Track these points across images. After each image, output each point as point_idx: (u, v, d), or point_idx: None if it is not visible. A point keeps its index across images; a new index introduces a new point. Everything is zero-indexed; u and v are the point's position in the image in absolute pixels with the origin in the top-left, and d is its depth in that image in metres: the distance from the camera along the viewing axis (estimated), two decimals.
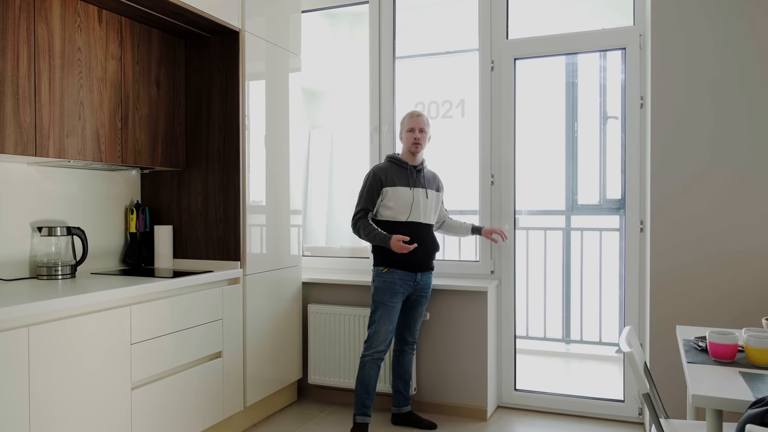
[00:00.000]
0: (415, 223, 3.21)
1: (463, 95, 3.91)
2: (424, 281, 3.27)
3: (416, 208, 3.22)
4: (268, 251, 3.47)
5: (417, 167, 3.28)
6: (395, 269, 3.19)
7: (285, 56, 3.62)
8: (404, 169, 3.26)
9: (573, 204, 5.13)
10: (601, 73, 4.70)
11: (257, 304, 3.34)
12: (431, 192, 3.31)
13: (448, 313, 3.54)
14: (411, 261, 3.18)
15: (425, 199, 3.25)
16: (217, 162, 3.27)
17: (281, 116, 3.61)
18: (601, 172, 4.86)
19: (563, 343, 5.13)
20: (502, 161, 3.63)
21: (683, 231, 3.09)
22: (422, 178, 3.29)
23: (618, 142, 4.83)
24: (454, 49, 4.23)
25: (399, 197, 3.19)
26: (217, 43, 3.27)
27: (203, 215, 3.30)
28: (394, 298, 3.18)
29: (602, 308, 4.95)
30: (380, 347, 3.16)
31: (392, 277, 3.18)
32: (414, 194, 3.21)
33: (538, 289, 5.14)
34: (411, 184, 3.23)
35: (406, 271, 3.20)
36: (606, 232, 4.98)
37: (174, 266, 3.33)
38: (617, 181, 4.89)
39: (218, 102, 3.26)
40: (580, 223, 5.13)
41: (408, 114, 3.34)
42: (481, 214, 3.69)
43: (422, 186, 3.26)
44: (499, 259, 3.66)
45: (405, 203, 3.19)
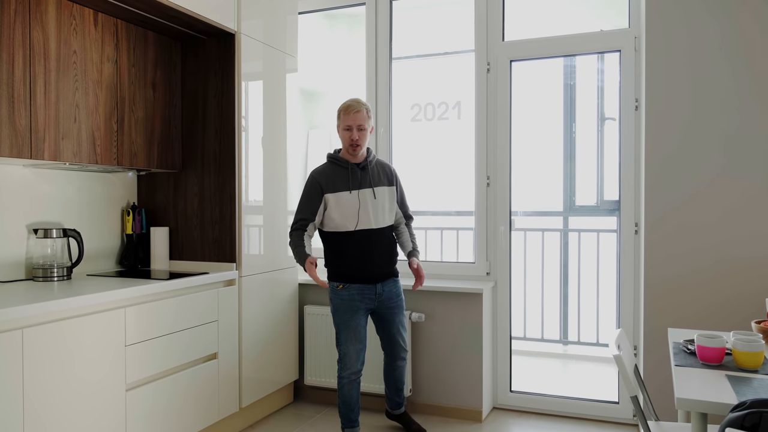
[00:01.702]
0: (365, 231, 2.94)
1: (460, 97, 3.92)
2: (387, 291, 3.03)
3: (364, 214, 2.94)
4: (265, 253, 3.48)
5: (360, 164, 3.02)
6: (351, 284, 2.96)
7: (281, 58, 3.63)
8: (345, 169, 2.97)
9: (571, 205, 5.14)
10: (598, 75, 4.69)
11: (253, 305, 3.36)
12: (380, 189, 3.01)
13: (444, 315, 3.55)
14: (367, 272, 2.96)
15: (373, 200, 2.96)
16: (212, 164, 3.28)
17: (278, 117, 3.62)
18: (599, 173, 4.86)
19: (561, 344, 5.13)
20: (498, 163, 3.64)
21: (677, 233, 3.10)
22: (368, 176, 2.99)
23: (616, 143, 4.85)
24: (450, 50, 4.24)
25: (342, 205, 2.91)
26: (213, 45, 3.29)
27: (199, 217, 3.32)
28: (355, 315, 2.96)
29: (600, 309, 4.96)
30: (353, 368, 2.98)
31: (350, 294, 2.96)
32: (360, 198, 2.95)
33: (535, 290, 5.15)
34: (353, 186, 2.95)
35: (364, 284, 2.96)
36: (603, 233, 4.98)
37: (170, 268, 3.34)
38: (615, 182, 4.91)
39: (214, 104, 3.28)
40: (578, 224, 5.13)
41: (343, 107, 2.98)
42: (477, 215, 3.70)
43: (368, 185, 2.99)
44: (494, 260, 3.67)
45: (350, 211, 2.92)
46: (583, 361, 4.90)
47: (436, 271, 3.78)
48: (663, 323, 3.11)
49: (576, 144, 5.04)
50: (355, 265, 2.96)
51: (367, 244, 2.97)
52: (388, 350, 3.17)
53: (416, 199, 4.71)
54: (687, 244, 3.08)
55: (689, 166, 3.08)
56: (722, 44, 3.01)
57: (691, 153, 3.07)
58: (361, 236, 2.95)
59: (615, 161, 4.41)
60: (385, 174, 3.12)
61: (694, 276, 3.06)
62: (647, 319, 3.16)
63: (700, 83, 3.06)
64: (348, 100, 3.01)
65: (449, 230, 5.06)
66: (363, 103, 3.00)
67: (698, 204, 3.06)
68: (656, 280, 3.13)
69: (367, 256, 2.98)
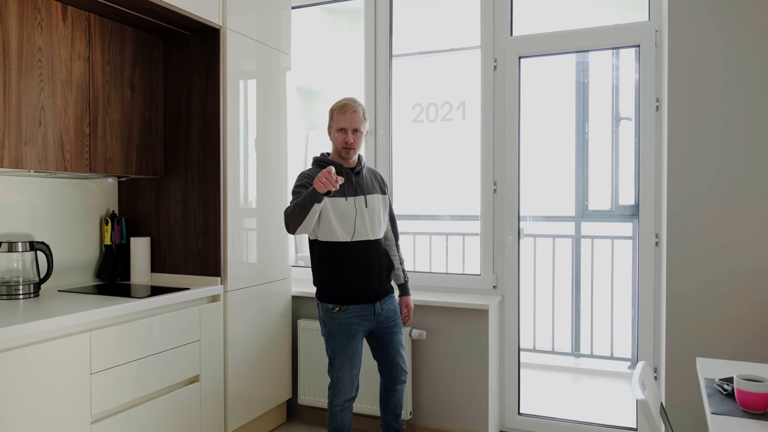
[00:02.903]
0: (362, 243, 2.68)
1: (464, 96, 3.65)
2: (386, 310, 2.77)
3: (361, 223, 2.68)
4: (255, 264, 3.23)
5: (354, 169, 2.76)
6: (349, 305, 2.68)
7: (273, 55, 3.38)
8: (338, 174, 2.68)
9: (583, 210, 4.87)
10: (613, 72, 4.42)
11: (240, 321, 3.11)
12: (373, 198, 2.75)
13: (447, 332, 3.29)
14: (366, 291, 2.70)
15: (367, 209, 2.72)
16: (196, 169, 3.04)
17: (272, 117, 3.37)
18: (614, 176, 4.59)
19: (572, 357, 4.86)
20: (506, 168, 3.37)
21: (703, 246, 2.82)
22: (361, 183, 2.75)
23: (631, 144, 4.58)
24: (454, 47, 3.97)
25: (340, 211, 2.64)
26: (197, 42, 3.04)
27: (182, 227, 3.08)
28: (353, 340, 2.69)
29: (614, 321, 4.68)
30: (348, 395, 2.73)
31: (347, 317, 2.67)
32: (356, 205, 2.69)
33: (545, 299, 4.88)
34: (349, 192, 2.68)
35: (362, 304, 2.69)
36: (618, 240, 4.70)
37: (151, 281, 3.10)
38: (630, 186, 4.64)
39: (197, 105, 3.03)
40: (591, 230, 4.86)
41: (338, 106, 2.71)
42: (483, 224, 3.44)
43: (362, 192, 2.73)
44: (502, 273, 3.40)
45: (347, 219, 2.65)
46: (597, 377, 4.62)
47: (438, 283, 3.53)
48: (687, 344, 2.84)
49: (589, 145, 4.78)
50: (354, 283, 2.69)
51: (366, 258, 2.71)
52: (387, 374, 2.90)
53: (419, 204, 4.48)
54: (715, 259, 2.80)
55: (717, 172, 2.80)
56: (755, 38, 2.73)
57: (718, 158, 2.80)
58: (359, 248, 2.68)
59: (631, 164, 4.14)
60: (377, 181, 2.87)
61: (723, 295, 2.79)
62: (669, 339, 2.89)
63: (729, 82, 2.78)
64: (343, 99, 2.74)
65: (454, 235, 4.82)
66: (359, 103, 2.74)
67: (727, 214, 2.78)
68: (679, 298, 2.86)
69: (365, 271, 2.71)
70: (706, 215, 2.81)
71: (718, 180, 2.80)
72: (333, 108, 2.74)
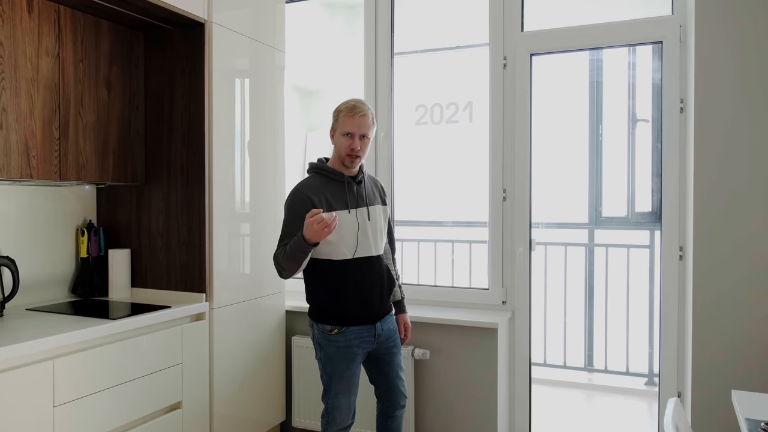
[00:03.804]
0: (364, 260, 2.42)
1: (471, 97, 3.40)
2: (386, 330, 2.52)
3: (363, 238, 2.42)
4: (245, 277, 2.99)
5: (357, 178, 2.50)
6: (349, 326, 2.42)
7: (266, 52, 3.14)
8: (339, 183, 2.45)
9: (597, 217, 4.61)
10: (629, 70, 4.16)
11: (228, 340, 2.87)
12: (375, 209, 2.50)
13: (452, 352, 3.04)
14: (368, 311, 2.45)
15: (369, 222, 2.47)
16: (180, 175, 2.80)
17: (265, 118, 3.14)
18: (630, 181, 4.33)
19: (585, 372, 4.60)
20: (516, 174, 3.11)
21: (734, 261, 2.56)
22: (363, 192, 2.50)
23: (648, 147, 4.33)
24: (461, 44, 3.72)
25: (341, 225, 2.35)
26: (180, 38, 2.80)
27: (165, 238, 2.83)
28: (352, 364, 2.44)
29: (629, 335, 4.42)
30: (344, 423, 2.48)
31: (347, 339, 2.41)
32: (359, 218, 2.43)
33: (557, 310, 4.62)
34: (351, 204, 2.44)
35: (363, 325, 2.44)
36: (634, 248, 4.43)
37: (132, 297, 2.86)
38: (648, 192, 4.38)
39: (181, 105, 2.79)
40: (605, 238, 4.59)
41: (346, 108, 2.42)
42: (491, 234, 3.18)
43: (364, 203, 2.48)
44: (512, 287, 3.14)
45: (350, 234, 2.39)
46: (611, 394, 4.35)
47: (444, 297, 3.27)
48: (716, 370, 2.58)
49: (603, 148, 4.52)
50: (355, 303, 2.43)
51: (368, 276, 2.44)
52: (385, 399, 2.64)
53: (423, 211, 4.23)
54: (748, 276, 2.54)
55: (749, 180, 2.54)
56: None
57: (750, 165, 2.53)
58: (361, 265, 2.41)
59: (648, 168, 3.90)
60: (378, 190, 2.61)
61: (759, 317, 2.52)
62: (697, 365, 2.63)
63: (762, 81, 2.51)
64: (351, 100, 2.46)
65: (460, 243, 4.57)
66: (369, 106, 2.47)
67: (763, 227, 2.52)
68: (708, 319, 2.60)
69: (367, 291, 2.45)
70: (738, 227, 2.55)
71: (751, 188, 2.53)
72: (339, 109, 2.46)
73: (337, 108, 2.47)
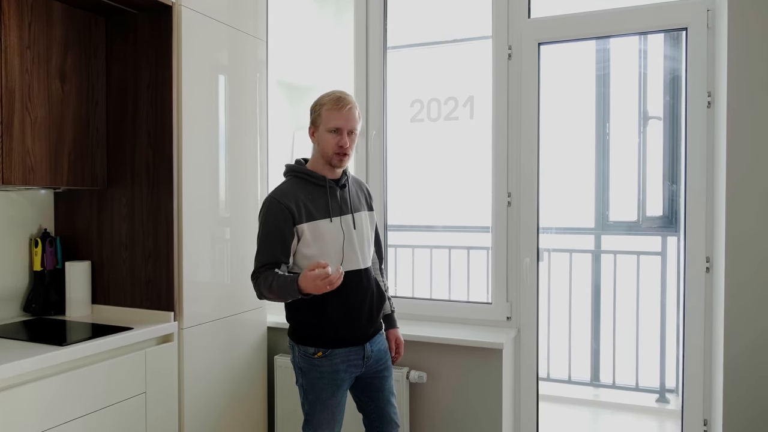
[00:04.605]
0: (352, 274, 2.12)
1: (472, 91, 3.08)
2: (377, 351, 2.23)
3: (350, 249, 2.14)
4: (222, 292, 2.68)
5: (340, 181, 2.21)
6: (335, 349, 2.14)
7: (246, 42, 2.83)
8: (320, 187, 2.16)
9: (603, 221, 4.31)
10: (641, 60, 3.86)
11: (201, 363, 2.55)
12: (361, 216, 2.22)
13: (451, 374, 2.73)
14: (357, 330, 2.16)
15: (355, 231, 2.17)
16: (144, 178, 2.48)
17: (245, 115, 2.84)
18: (640, 183, 4.04)
19: (591, 387, 4.30)
20: (522, 176, 2.81)
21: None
22: (347, 197, 2.21)
23: (660, 147, 4.04)
24: (460, 37, 3.41)
25: (322, 238, 2.09)
26: (145, 23, 2.48)
27: (129, 249, 2.51)
28: (338, 392, 2.15)
29: (639, 347, 4.12)
30: None
31: (332, 363, 2.13)
32: (344, 227, 2.15)
33: (561, 320, 4.31)
34: (334, 211, 2.14)
35: (350, 347, 2.15)
36: (645, 255, 4.14)
37: (93, 316, 2.54)
38: (659, 195, 4.09)
39: (146, 100, 2.47)
40: (613, 244, 4.30)
41: (329, 100, 2.12)
42: (494, 243, 2.87)
43: (350, 210, 2.19)
44: (517, 301, 2.84)
45: (332, 246, 2.11)
46: (620, 412, 4.05)
47: (441, 312, 2.96)
48: (751, 394, 2.28)
49: (610, 147, 4.23)
50: (341, 322, 2.13)
51: (356, 291, 2.14)
52: (376, 429, 2.32)
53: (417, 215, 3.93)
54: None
55: None
56: None
57: None
58: (348, 280, 2.07)
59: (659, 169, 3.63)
60: (363, 194, 2.31)
61: None
62: (728, 388, 2.33)
63: None
64: (334, 92, 2.15)
65: (457, 249, 4.28)
66: (353, 98, 2.17)
67: None
68: (743, 341, 2.30)
69: (356, 308, 2.15)
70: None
71: None
72: (321, 102, 2.14)
73: (318, 102, 2.16)
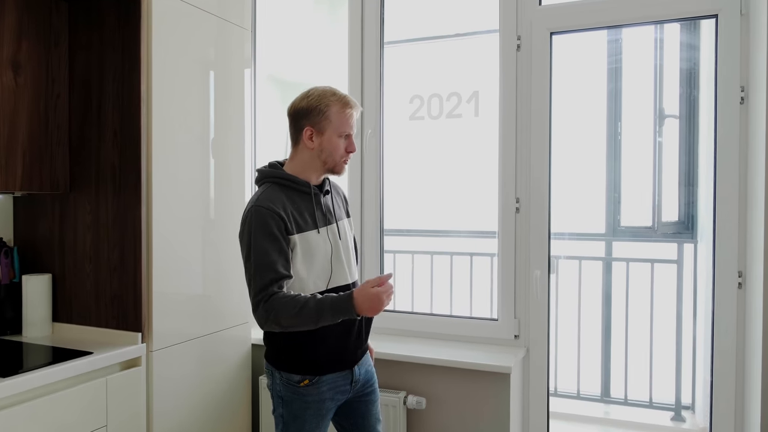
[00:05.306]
0: (341, 289, 1.90)
1: (478, 86, 2.81)
2: (364, 374, 2.00)
3: (337, 262, 1.90)
4: (199, 308, 2.41)
5: (323, 187, 1.96)
6: (322, 376, 1.87)
7: (231, 31, 2.56)
8: (305, 195, 1.90)
9: (615, 227, 4.04)
10: (656, 50, 3.60)
11: (174, 389, 2.29)
12: (344, 224, 2.00)
13: (453, 400, 2.47)
14: (344, 354, 1.91)
15: (341, 241, 1.94)
16: (110, 181, 2.21)
17: (229, 111, 2.59)
18: (656, 186, 3.77)
19: (601, 403, 4.03)
20: (533, 179, 2.54)
21: None
22: (331, 205, 1.96)
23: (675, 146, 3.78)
24: (463, 31, 3.14)
25: (311, 251, 1.84)
26: (111, 8, 2.21)
27: (93, 261, 2.25)
28: (322, 422, 1.90)
29: (653, 360, 3.85)
30: None
31: (319, 392, 1.87)
32: (330, 239, 1.91)
33: (570, 332, 4.04)
34: (321, 221, 1.89)
35: (339, 372, 1.90)
36: (660, 263, 3.87)
37: (53, 335, 2.28)
38: (673, 198, 3.84)
39: (112, 92, 2.20)
40: (625, 251, 4.03)
41: (340, 101, 1.86)
42: (501, 253, 2.61)
43: (333, 219, 1.94)
44: (526, 317, 2.57)
45: (321, 259, 1.86)
46: (631, 430, 3.78)
47: (442, 329, 2.70)
48: None
49: (622, 147, 3.97)
50: (331, 347, 1.87)
51: None
52: None
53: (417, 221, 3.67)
54: None
55: None
56: None
57: None
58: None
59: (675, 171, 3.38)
60: (342, 200, 2.08)
61: None
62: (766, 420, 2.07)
63: None
64: (333, 90, 1.89)
65: (459, 255, 4.01)
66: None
67: None
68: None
69: (346, 329, 1.89)
70: None
71: None
72: (327, 103, 1.85)
73: (323, 101, 1.86)
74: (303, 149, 1.90)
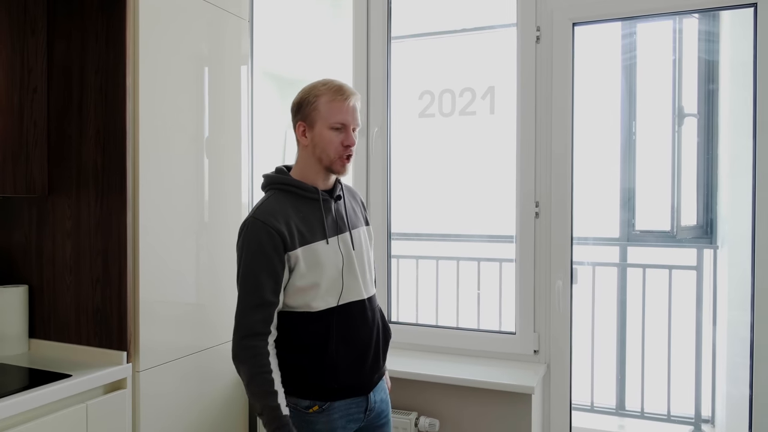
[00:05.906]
0: (353, 306, 1.69)
1: (493, 81, 2.62)
2: (379, 402, 1.79)
3: (350, 276, 1.70)
4: (192, 322, 2.21)
5: (334, 192, 1.75)
6: (334, 401, 1.68)
7: (224, 19, 2.36)
8: (313, 202, 1.70)
9: (629, 231, 3.86)
10: (675, 44, 3.41)
11: (164, 413, 2.08)
12: (359, 233, 1.78)
13: (468, 422, 2.27)
14: (359, 377, 1.71)
15: (354, 252, 1.73)
16: (92, 184, 2.00)
17: (223, 108, 2.39)
18: (675, 189, 3.59)
19: (616, 416, 3.84)
20: (554, 181, 2.35)
21: None
22: (344, 212, 1.76)
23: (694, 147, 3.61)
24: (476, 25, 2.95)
25: (319, 264, 1.64)
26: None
27: (73, 271, 2.04)
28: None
29: (671, 371, 3.66)
30: None
31: (329, 419, 1.67)
32: (342, 249, 1.70)
33: (583, 341, 3.85)
34: (330, 230, 1.69)
35: (353, 398, 1.71)
36: (678, 270, 3.68)
37: (30, 354, 2.07)
38: (692, 202, 3.66)
39: (94, 86, 2.00)
40: (641, 256, 3.84)
41: (330, 90, 1.65)
42: (519, 261, 2.41)
43: (347, 227, 1.74)
44: (547, 331, 2.38)
45: (331, 272, 1.66)
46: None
47: (454, 343, 2.50)
48: None
49: (636, 147, 3.79)
50: (343, 369, 1.67)
51: (360, 328, 1.71)
52: None
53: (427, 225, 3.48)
54: None
55: None
56: None
57: None
58: (350, 315, 1.68)
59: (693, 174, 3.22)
60: (359, 206, 1.87)
61: None
62: None
63: None
64: (331, 80, 1.69)
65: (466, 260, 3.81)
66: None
67: None
68: None
69: (360, 348, 1.70)
70: None
71: None
72: (316, 93, 1.65)
73: (312, 93, 1.67)
74: (301, 149, 1.72)
